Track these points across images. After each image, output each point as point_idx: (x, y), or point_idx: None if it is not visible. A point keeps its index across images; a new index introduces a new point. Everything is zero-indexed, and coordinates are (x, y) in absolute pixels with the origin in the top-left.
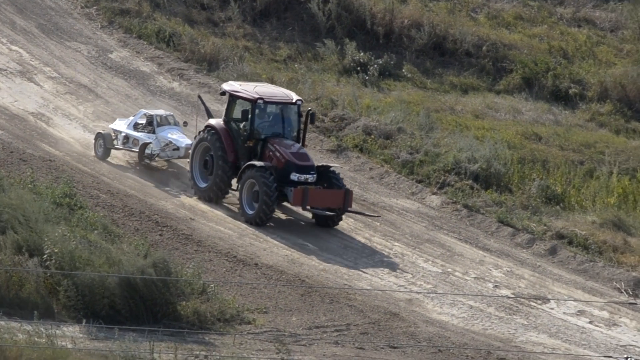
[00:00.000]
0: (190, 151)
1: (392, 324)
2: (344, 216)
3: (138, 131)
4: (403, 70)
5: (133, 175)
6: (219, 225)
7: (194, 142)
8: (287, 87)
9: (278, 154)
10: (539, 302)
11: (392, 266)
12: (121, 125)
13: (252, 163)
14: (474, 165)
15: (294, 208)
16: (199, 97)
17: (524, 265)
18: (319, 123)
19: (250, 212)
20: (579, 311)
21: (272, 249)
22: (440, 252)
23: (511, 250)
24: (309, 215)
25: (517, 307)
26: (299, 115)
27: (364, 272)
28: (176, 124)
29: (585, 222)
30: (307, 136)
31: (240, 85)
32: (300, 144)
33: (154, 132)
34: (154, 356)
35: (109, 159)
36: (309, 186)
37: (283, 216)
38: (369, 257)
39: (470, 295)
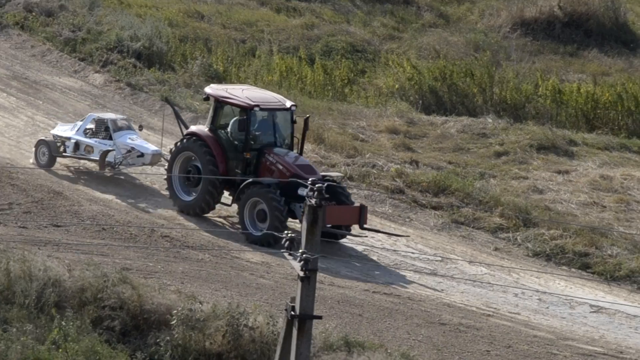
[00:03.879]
0: (159, 159)
1: (55, 202)
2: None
3: (89, 137)
4: None
5: None
6: None
7: (173, 150)
8: None
9: (281, 167)
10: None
11: None
12: (66, 131)
13: (257, 180)
14: (137, 43)
15: None
16: (166, 100)
17: None
18: None
19: (257, 233)
20: None
21: None
22: None
23: (175, 129)
24: None
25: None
26: (292, 121)
27: (28, 152)
28: (130, 128)
29: None
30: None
31: (226, 90)
32: (299, 153)
33: (110, 138)
34: None
35: None
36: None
37: None
38: (32, 137)
39: (145, 174)
